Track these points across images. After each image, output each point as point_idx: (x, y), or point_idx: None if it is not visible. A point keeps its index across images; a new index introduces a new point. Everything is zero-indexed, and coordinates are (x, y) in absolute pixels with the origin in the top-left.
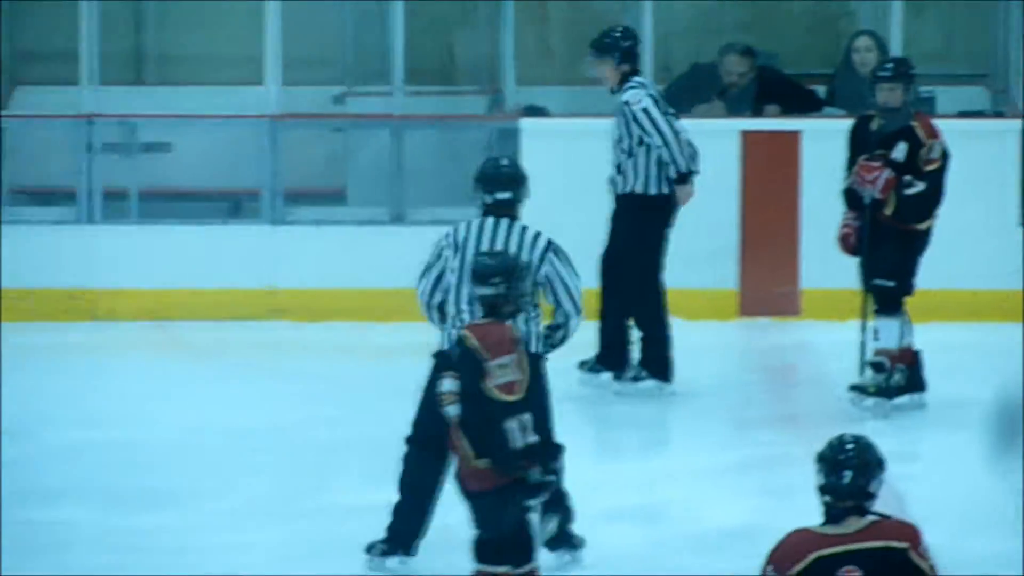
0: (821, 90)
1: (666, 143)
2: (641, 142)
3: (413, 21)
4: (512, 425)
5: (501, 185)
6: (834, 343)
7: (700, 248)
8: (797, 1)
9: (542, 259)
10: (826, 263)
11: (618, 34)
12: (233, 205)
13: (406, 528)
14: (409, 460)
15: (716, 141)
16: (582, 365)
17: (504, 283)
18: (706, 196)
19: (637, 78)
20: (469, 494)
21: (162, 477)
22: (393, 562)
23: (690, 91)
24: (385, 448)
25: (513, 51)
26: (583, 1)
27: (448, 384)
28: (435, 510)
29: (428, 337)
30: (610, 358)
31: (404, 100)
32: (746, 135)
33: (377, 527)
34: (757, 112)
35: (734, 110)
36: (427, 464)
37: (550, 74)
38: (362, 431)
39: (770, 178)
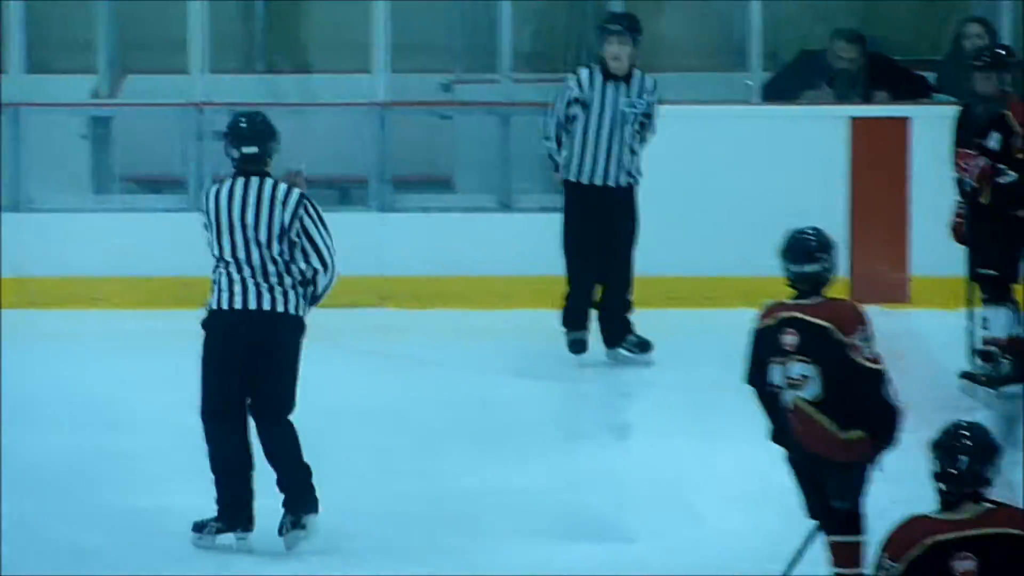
0: (931, 76)
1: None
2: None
3: (520, 7)
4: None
5: (247, 140)
6: (944, 331)
7: None
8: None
9: (294, 215)
10: (935, 250)
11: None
12: (341, 192)
13: (235, 503)
14: (214, 437)
15: (824, 127)
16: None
17: (828, 258)
18: (815, 183)
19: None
20: (833, 464)
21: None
22: (228, 538)
23: (798, 78)
24: (491, 429)
25: None
26: None
27: (799, 368)
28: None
29: (533, 322)
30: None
31: (511, 87)
32: (855, 121)
33: (488, 505)
34: (866, 98)
35: (843, 96)
36: (232, 436)
37: (657, 61)
38: (468, 414)
39: (879, 165)
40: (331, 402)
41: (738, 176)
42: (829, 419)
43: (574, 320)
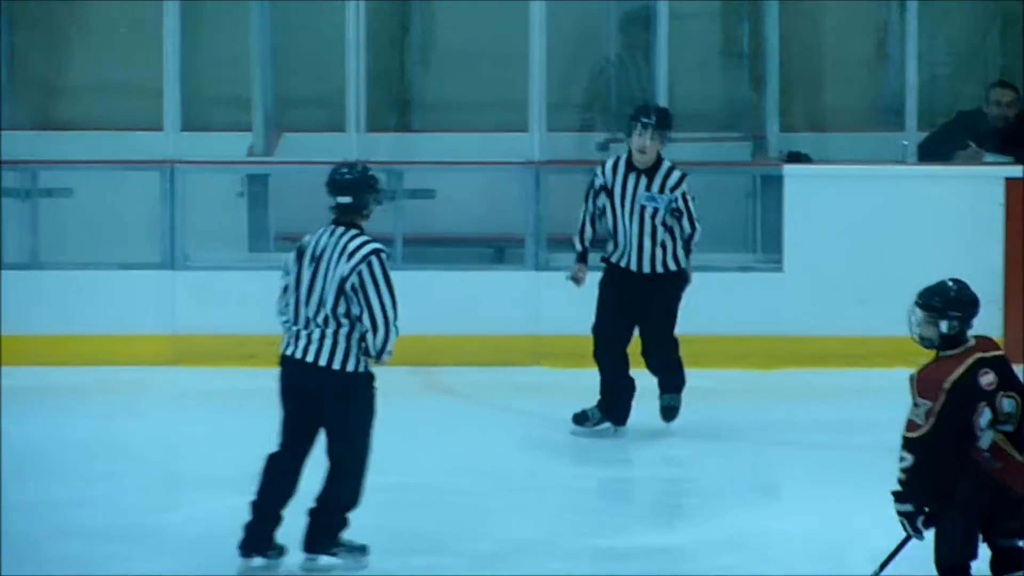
0: None
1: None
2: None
3: (675, 66)
4: None
5: (342, 190)
6: None
7: None
8: None
9: (354, 269)
10: None
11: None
12: (497, 251)
13: (264, 529)
14: (273, 467)
15: (979, 187)
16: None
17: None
18: (969, 243)
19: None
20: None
21: (427, 519)
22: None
23: (953, 138)
24: (654, 490)
25: (777, 97)
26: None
27: (1008, 404)
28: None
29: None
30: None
31: (667, 145)
32: (1009, 181)
33: (651, 568)
34: (1020, 157)
35: (998, 152)
36: (291, 472)
37: (812, 120)
38: (626, 474)
39: None
40: (488, 462)
41: (893, 235)
42: (1019, 452)
43: (610, 412)
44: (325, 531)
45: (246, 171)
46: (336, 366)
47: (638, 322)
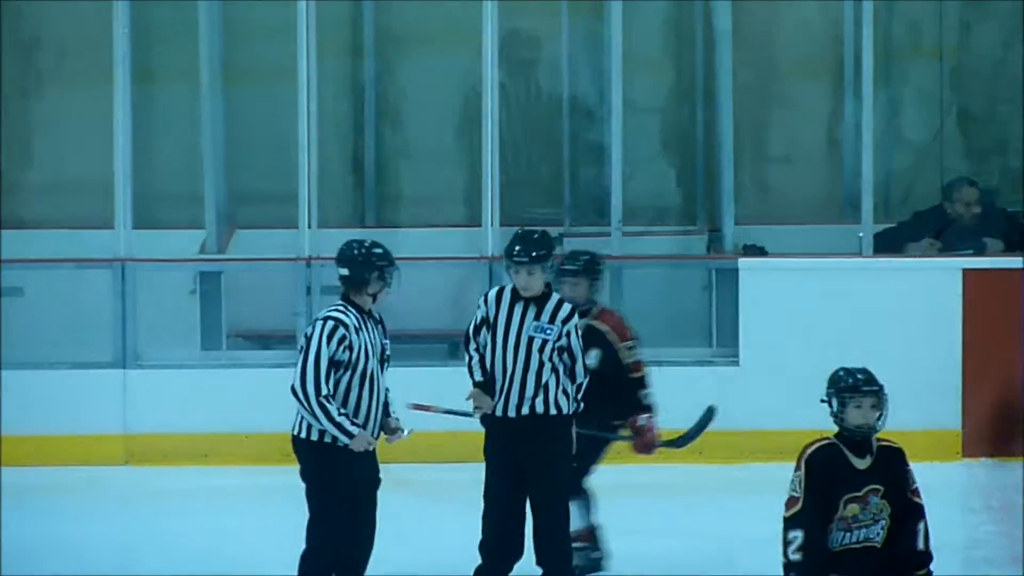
0: None
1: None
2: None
3: (629, 158)
4: None
5: (339, 262)
6: None
7: (921, 388)
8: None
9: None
10: None
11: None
12: (452, 346)
13: None
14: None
15: (937, 279)
16: None
17: None
18: (928, 335)
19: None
20: None
21: None
22: None
23: (913, 238)
24: None
25: (732, 189)
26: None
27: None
28: None
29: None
30: None
31: (621, 240)
32: (967, 273)
33: None
34: (979, 248)
35: (952, 248)
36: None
37: (764, 212)
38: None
39: (993, 317)
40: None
41: (850, 328)
42: None
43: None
44: None
45: (199, 268)
46: (302, 435)
47: (526, 490)
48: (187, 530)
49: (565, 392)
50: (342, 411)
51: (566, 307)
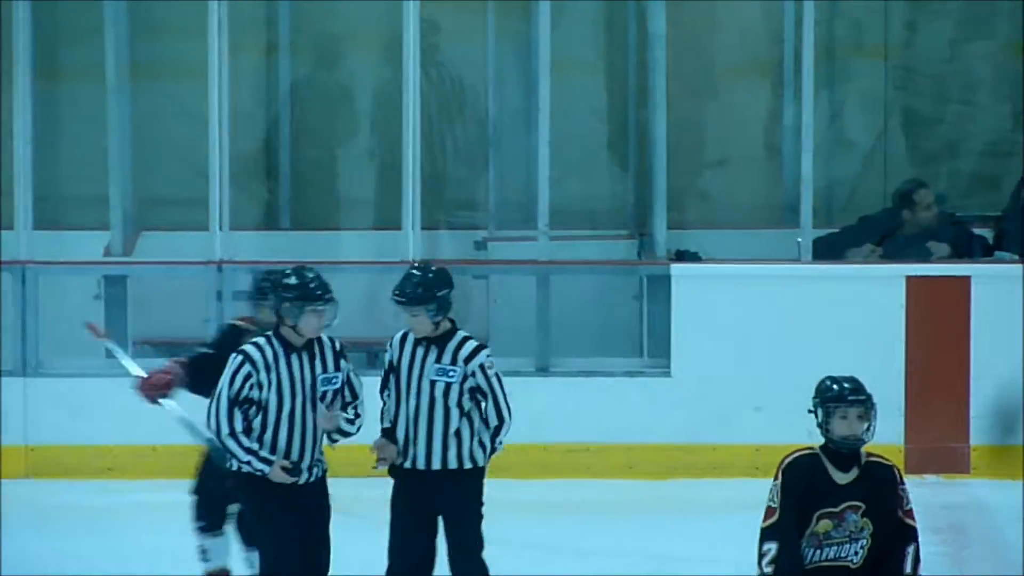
0: (988, 233)
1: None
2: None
3: (559, 162)
4: None
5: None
6: (1008, 503)
7: None
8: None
9: None
10: None
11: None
12: (370, 355)
13: None
14: None
15: (879, 287)
16: None
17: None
18: (869, 345)
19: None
20: None
21: None
22: None
23: (858, 243)
24: None
25: (665, 194)
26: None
27: None
28: None
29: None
30: None
31: (549, 245)
32: (911, 280)
33: None
34: (924, 253)
35: (897, 255)
36: None
37: (700, 217)
38: None
39: (937, 326)
40: None
41: (788, 337)
42: None
43: None
44: None
45: (103, 272)
46: (232, 466)
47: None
48: (90, 546)
49: (481, 443)
50: (253, 445)
51: (469, 344)
